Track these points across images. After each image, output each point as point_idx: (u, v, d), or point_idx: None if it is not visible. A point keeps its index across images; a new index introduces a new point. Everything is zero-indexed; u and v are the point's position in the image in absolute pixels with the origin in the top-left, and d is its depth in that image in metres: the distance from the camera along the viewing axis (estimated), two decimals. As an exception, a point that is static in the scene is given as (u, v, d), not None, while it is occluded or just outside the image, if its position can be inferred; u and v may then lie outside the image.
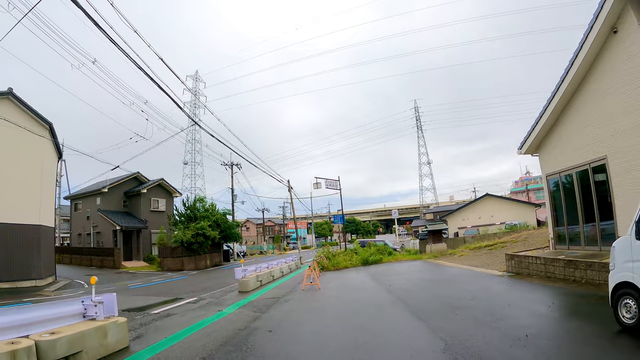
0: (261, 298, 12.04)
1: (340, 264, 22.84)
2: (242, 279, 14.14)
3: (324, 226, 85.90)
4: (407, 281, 14.17)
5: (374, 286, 13.38)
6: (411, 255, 27.52)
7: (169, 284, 19.13)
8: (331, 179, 27.44)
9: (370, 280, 15.26)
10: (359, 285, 14.16)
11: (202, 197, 34.71)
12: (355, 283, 14.81)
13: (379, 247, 28.14)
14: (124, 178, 37.70)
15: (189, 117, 22.35)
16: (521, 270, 13.20)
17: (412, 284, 13.27)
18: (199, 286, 17.20)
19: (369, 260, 24.10)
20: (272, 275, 17.68)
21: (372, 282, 14.80)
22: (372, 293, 11.71)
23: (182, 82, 15.17)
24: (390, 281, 14.33)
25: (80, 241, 39.12)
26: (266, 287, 15.21)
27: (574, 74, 11.49)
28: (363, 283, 14.65)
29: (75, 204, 40.40)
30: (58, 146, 24.22)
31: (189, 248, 29.89)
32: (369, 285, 13.93)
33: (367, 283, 14.50)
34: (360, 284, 14.50)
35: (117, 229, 33.00)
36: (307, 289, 13.48)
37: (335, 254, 25.59)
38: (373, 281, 14.95)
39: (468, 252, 25.24)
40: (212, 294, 14.12)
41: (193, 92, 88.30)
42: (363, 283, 14.65)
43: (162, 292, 15.71)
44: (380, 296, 10.90)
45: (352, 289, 12.92)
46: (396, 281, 14.30)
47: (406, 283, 13.58)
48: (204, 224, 30.52)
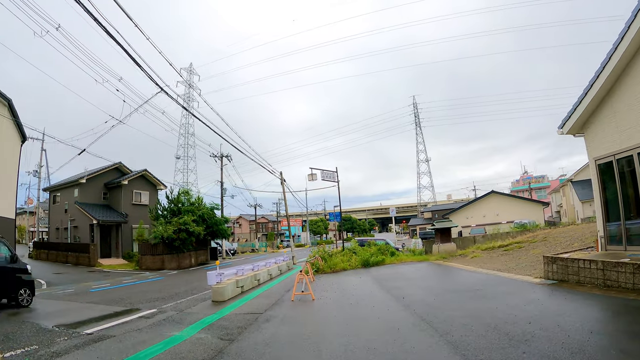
0: (236, 313, 9.23)
1: (338, 265, 20.08)
2: (217, 285, 11.32)
3: (319, 224, 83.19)
4: (424, 290, 11.44)
5: (383, 297, 10.60)
6: (416, 256, 24.82)
7: (137, 287, 16.32)
8: (328, 170, 24.68)
9: (376, 288, 12.49)
10: (363, 295, 11.36)
11: (187, 190, 31.85)
12: (359, 292, 12.01)
13: (380, 247, 25.37)
14: (105, 168, 34.79)
15: (177, 103, 19.57)
16: (567, 277, 10.46)
17: (432, 294, 10.50)
18: (170, 291, 14.40)
19: (370, 261, 21.39)
20: (257, 279, 14.89)
21: (379, 290, 12.04)
22: (383, 309, 8.93)
23: (172, 66, 12.35)
24: (402, 290, 11.60)
25: (58, 236, 36.27)
26: (248, 294, 12.42)
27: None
28: (368, 292, 11.87)
29: (54, 196, 37.50)
30: (20, 126, 21.31)
31: (170, 245, 27.07)
32: (376, 295, 11.15)
33: (374, 292, 11.73)
34: (365, 293, 11.70)
35: (94, 223, 30.11)
36: (297, 300, 10.72)
37: (331, 254, 22.83)
38: (380, 289, 12.19)
39: (481, 253, 22.72)
40: (178, 303, 11.32)
41: (187, 80, 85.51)
42: (368, 292, 11.87)
43: (122, 298, 12.91)
44: (397, 315, 8.14)
45: (355, 302, 10.11)
46: (409, 290, 11.57)
47: (424, 293, 10.84)
48: (187, 219, 27.66)
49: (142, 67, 11.25)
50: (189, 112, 13.67)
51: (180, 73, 16.78)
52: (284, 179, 30.13)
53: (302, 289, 11.22)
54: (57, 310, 11.01)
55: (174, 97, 15.64)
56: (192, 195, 32.40)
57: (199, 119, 17.23)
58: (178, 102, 21.20)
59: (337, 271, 19.51)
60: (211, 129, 17.52)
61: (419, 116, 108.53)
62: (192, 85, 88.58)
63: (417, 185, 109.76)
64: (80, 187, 32.87)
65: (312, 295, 10.89)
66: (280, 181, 30.15)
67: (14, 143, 21.25)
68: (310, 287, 11.33)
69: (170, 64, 16.69)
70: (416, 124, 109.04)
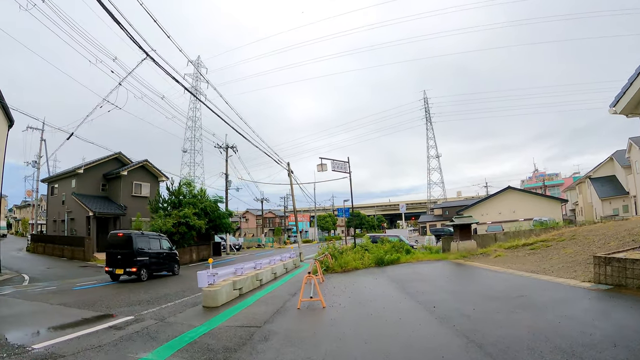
0: (228, 326, 7.36)
1: (350, 264, 18.18)
2: (209, 288, 9.47)
3: (327, 219, 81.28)
4: (456, 297, 9.57)
5: (409, 306, 8.71)
6: (433, 255, 22.92)
7: (125, 286, 14.53)
8: (339, 160, 22.75)
9: (397, 293, 10.60)
10: (383, 301, 9.46)
11: (189, 181, 30.08)
12: (377, 297, 10.11)
13: (394, 244, 23.46)
14: (104, 158, 33.22)
15: (185, 88, 18.03)
16: (624, 281, 8.51)
17: (468, 302, 8.59)
18: (159, 292, 12.60)
19: (385, 259, 19.52)
20: (259, 280, 13.05)
21: (401, 296, 10.14)
22: (413, 322, 7.05)
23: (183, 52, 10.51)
24: (429, 296, 9.73)
25: (55, 229, 34.85)
26: (247, 298, 10.58)
27: None
28: (389, 298, 9.97)
29: (52, 188, 36.03)
30: (6, 109, 19.65)
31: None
32: (399, 302, 9.25)
33: (396, 298, 9.82)
34: (385, 299, 9.80)
35: (90, 215, 28.48)
36: (304, 308, 8.85)
37: (342, 251, 20.95)
38: (402, 294, 10.30)
39: (504, 252, 20.85)
40: (162, 308, 9.50)
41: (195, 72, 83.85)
42: (389, 298, 9.97)
43: (102, 299, 11.13)
44: (433, 332, 6.26)
45: (376, 312, 8.21)
46: (438, 296, 9.70)
47: (457, 301, 8.96)
48: (188, 212, 25.89)
49: (122, 27, 9.40)
50: (195, 97, 12.12)
51: (189, 58, 15.02)
52: (291, 171, 28.32)
53: (310, 294, 9.33)
54: (18, 313, 9.26)
55: (178, 79, 13.82)
56: (195, 187, 30.66)
57: (205, 104, 15.57)
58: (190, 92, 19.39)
59: (348, 270, 17.65)
60: (218, 115, 15.88)
61: (429, 111, 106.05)
62: (200, 78, 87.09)
63: (428, 181, 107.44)
64: (77, 177, 31.28)
65: (322, 301, 9.01)
66: (288, 173, 28.36)
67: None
68: (320, 292, 9.42)
69: (180, 50, 15.00)
70: (427, 119, 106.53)
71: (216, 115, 16.27)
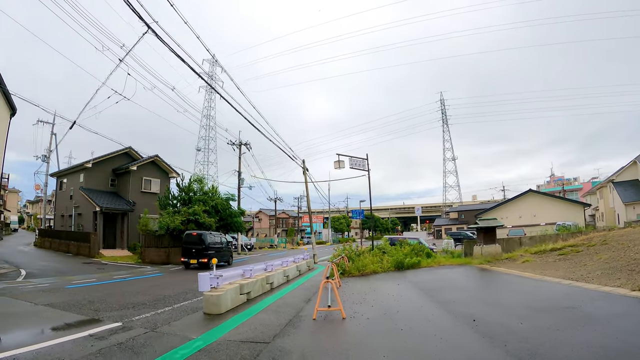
0: (229, 340, 6.03)
1: (368, 267, 16.80)
2: (212, 292, 8.18)
3: (341, 221, 79.86)
4: (496, 308, 8.20)
5: (444, 319, 7.33)
6: (456, 259, 21.46)
7: (123, 286, 13.35)
8: (357, 157, 21.38)
9: (426, 302, 9.21)
10: (412, 313, 8.08)
11: (200, 178, 28.91)
12: (404, 307, 8.73)
13: (414, 247, 22.00)
14: (114, 153, 32.28)
15: (201, 77, 16.99)
16: None
17: (512, 315, 7.22)
18: (158, 293, 11.37)
19: (405, 263, 18.12)
20: (269, 283, 11.74)
21: (431, 305, 8.76)
22: (455, 342, 5.68)
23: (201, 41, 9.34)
24: (464, 306, 8.39)
25: (63, 224, 34.07)
26: (255, 304, 9.25)
27: None
28: (418, 308, 8.58)
29: (60, 182, 35.27)
30: (8, 96, 18.71)
31: (177, 237, 24.21)
32: (431, 314, 7.87)
33: (426, 309, 8.43)
34: (413, 310, 8.42)
35: (97, 210, 27.52)
36: (321, 320, 7.52)
37: (359, 253, 19.57)
38: (433, 304, 8.91)
39: (532, 257, 19.44)
40: (157, 314, 8.24)
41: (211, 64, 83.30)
42: (418, 308, 8.58)
43: (93, 300, 9.94)
44: (479, 353, 4.94)
45: (407, 325, 6.83)
46: (475, 307, 8.34)
47: (499, 313, 7.61)
48: (198, 209, 24.73)
49: None
50: (210, 87, 11.14)
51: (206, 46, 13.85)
52: (306, 168, 27.04)
53: (327, 303, 7.97)
54: (-6, 315, 8.11)
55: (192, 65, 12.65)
56: (206, 183, 29.53)
57: (219, 93, 14.41)
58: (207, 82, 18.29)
59: (366, 274, 16.31)
60: (231, 105, 14.74)
61: (446, 113, 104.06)
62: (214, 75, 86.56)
63: (443, 184, 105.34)
64: (86, 172, 30.40)
65: (342, 311, 7.67)
66: (303, 170, 27.09)
67: (0, 115, 18.69)
68: (339, 298, 8.06)
69: (198, 37, 13.89)
70: (443, 120, 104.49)
71: (230, 105, 15.10)
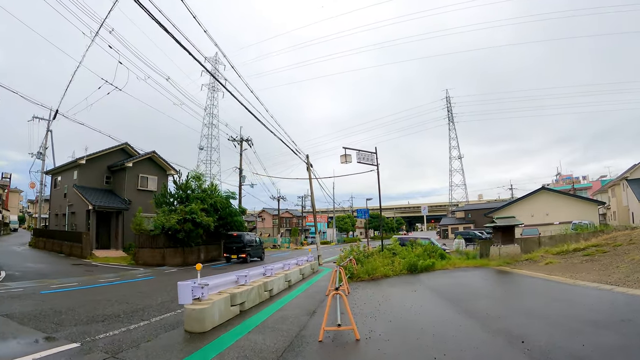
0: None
1: (378, 270, 15.23)
2: (194, 306, 6.65)
3: (346, 220, 78.21)
4: (541, 322, 6.64)
5: (482, 339, 5.78)
6: (471, 260, 19.85)
7: (105, 291, 11.84)
8: (365, 151, 19.81)
9: (456, 316, 7.61)
10: (441, 330, 6.51)
11: (198, 174, 27.43)
12: (430, 323, 7.17)
13: (426, 247, 20.42)
14: (109, 149, 30.81)
15: (203, 66, 15.48)
16: None
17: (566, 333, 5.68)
18: (140, 302, 9.85)
19: (418, 265, 16.57)
20: (267, 290, 10.20)
21: (462, 320, 7.18)
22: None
23: None
24: (500, 320, 6.90)
25: (57, 223, 32.64)
26: (248, 318, 7.71)
27: None
28: (446, 324, 6.98)
29: (55, 180, 33.90)
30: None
31: (173, 237, 22.76)
32: (465, 331, 6.30)
33: (457, 325, 6.82)
34: (441, 326, 6.84)
35: (90, 209, 26.09)
36: (328, 343, 5.94)
37: (367, 254, 18.02)
38: (462, 317, 7.35)
39: (555, 259, 17.93)
40: (127, 331, 6.72)
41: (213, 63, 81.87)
42: (446, 324, 6.98)
43: (60, 310, 8.48)
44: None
45: (440, 353, 5.26)
46: (515, 321, 6.83)
47: (547, 329, 6.07)
48: (195, 207, 23.24)
49: None
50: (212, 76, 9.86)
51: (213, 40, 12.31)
52: (310, 164, 25.53)
53: (337, 321, 6.37)
54: None
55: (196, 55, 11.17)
56: (205, 180, 28.07)
57: (223, 85, 12.93)
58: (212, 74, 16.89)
59: (377, 278, 14.75)
60: (233, 95, 13.23)
61: (452, 111, 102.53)
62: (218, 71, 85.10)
63: (449, 182, 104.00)
64: (80, 169, 28.95)
65: (355, 331, 6.11)
66: (307, 166, 25.58)
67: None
68: (352, 316, 6.48)
69: (205, 31, 12.40)
70: (449, 118, 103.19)
71: (232, 95, 13.71)
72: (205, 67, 15.98)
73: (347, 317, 6.36)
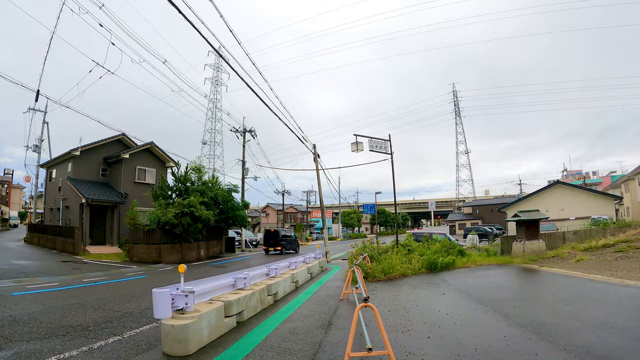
0: None
1: (395, 268, 13.60)
2: (173, 321, 5.02)
3: (352, 215, 76.54)
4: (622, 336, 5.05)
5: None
6: (492, 257, 18.28)
7: (82, 294, 10.16)
8: (377, 138, 18.14)
9: (509, 329, 5.95)
10: (501, 352, 4.92)
11: (198, 166, 25.75)
12: (478, 338, 5.53)
13: (444, 243, 18.81)
14: (105, 140, 29.20)
15: (210, 45, 13.92)
16: None
17: None
18: (118, 308, 8.26)
19: (438, 263, 14.96)
20: (272, 294, 8.59)
21: (520, 334, 5.55)
22: None
23: None
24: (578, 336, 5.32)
25: (52, 218, 31.16)
26: (247, 333, 6.09)
27: None
28: (505, 342, 5.30)
29: (50, 173, 32.36)
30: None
31: (171, 232, 21.16)
32: (534, 354, 4.70)
33: (519, 344, 5.18)
34: (498, 344, 5.19)
35: (83, 202, 24.56)
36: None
37: (381, 252, 16.36)
38: (520, 331, 5.70)
39: (586, 255, 16.61)
40: (89, 351, 5.12)
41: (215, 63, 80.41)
42: (505, 342, 5.30)
43: (20, 318, 6.95)
44: None
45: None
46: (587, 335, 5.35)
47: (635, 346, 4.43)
48: (193, 200, 21.62)
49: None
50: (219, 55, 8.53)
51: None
52: (317, 154, 23.88)
53: (367, 344, 4.66)
54: None
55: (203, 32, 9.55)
56: (206, 172, 26.45)
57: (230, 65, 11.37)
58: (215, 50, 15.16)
59: (393, 278, 13.11)
60: (241, 77, 11.65)
61: (458, 105, 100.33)
62: (221, 66, 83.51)
63: (456, 178, 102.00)
64: (74, 161, 27.40)
65: (391, 356, 4.47)
66: (314, 157, 23.93)
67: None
68: (386, 337, 4.78)
69: (221, 16, 10.72)
70: (455, 113, 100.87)
71: (238, 75, 12.17)
72: (216, 50, 14.39)
73: (385, 346, 4.71)
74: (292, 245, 31.17)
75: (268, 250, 29.31)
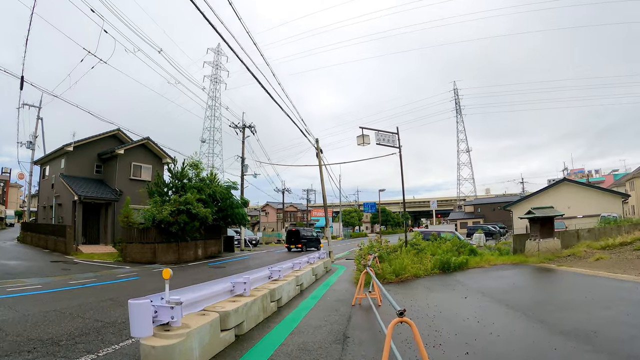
0: None
1: (407, 269, 12.61)
2: (156, 341, 4.04)
3: (352, 214, 75.55)
4: None
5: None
6: (505, 256, 17.41)
7: (63, 298, 9.13)
8: (385, 131, 17.14)
9: (559, 342, 5.00)
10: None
11: (196, 162, 24.71)
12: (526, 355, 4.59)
13: (454, 242, 17.88)
14: (99, 135, 28.17)
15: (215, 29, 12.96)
16: None
17: None
18: (99, 316, 7.24)
19: (451, 263, 14.01)
20: (275, 300, 7.58)
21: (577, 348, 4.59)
22: None
23: None
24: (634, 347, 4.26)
25: (45, 215, 30.17)
26: (247, 353, 5.04)
27: None
28: None
29: (43, 170, 31.34)
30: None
31: (166, 231, 20.13)
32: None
33: None
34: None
35: (75, 199, 23.54)
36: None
37: (390, 251, 15.35)
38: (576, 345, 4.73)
39: (604, 254, 15.53)
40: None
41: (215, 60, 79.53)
42: None
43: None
44: None
45: None
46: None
47: None
48: (190, 197, 20.57)
49: None
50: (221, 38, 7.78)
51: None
52: (320, 149, 22.87)
53: None
54: None
55: None
56: (203, 168, 25.41)
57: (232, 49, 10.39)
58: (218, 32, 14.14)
59: (405, 279, 12.14)
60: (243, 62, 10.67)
61: (459, 103, 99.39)
62: (220, 66, 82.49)
63: (457, 176, 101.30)
64: (67, 157, 26.36)
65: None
66: (316, 152, 22.92)
67: None
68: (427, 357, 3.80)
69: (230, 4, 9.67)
70: (456, 110, 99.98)
71: (241, 61, 11.14)
72: (217, 31, 13.43)
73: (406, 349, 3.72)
74: (312, 243, 32.77)
75: (290, 248, 31.21)
